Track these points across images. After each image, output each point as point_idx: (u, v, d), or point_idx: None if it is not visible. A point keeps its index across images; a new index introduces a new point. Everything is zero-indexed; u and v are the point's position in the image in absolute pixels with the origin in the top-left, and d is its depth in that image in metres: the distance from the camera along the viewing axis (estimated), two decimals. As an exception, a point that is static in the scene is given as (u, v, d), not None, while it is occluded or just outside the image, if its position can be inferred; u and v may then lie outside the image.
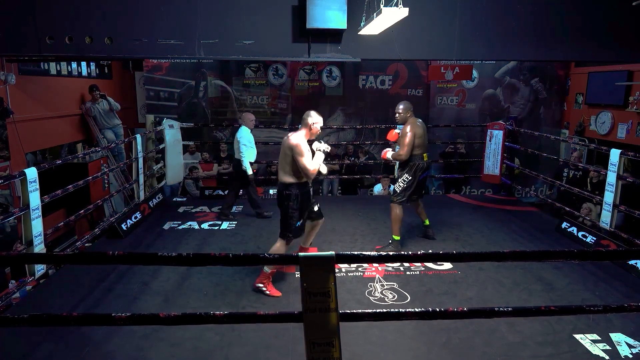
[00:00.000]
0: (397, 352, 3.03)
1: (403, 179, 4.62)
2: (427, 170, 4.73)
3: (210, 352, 3.01)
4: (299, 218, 3.68)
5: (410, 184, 4.59)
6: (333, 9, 4.23)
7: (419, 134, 4.53)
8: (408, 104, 4.65)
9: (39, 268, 3.81)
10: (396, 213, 4.63)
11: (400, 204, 4.63)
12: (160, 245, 4.92)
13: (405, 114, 4.60)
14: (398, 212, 4.63)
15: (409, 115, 4.59)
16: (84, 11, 4.36)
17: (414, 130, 4.49)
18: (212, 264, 2.38)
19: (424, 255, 3.29)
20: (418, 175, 4.59)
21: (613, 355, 2.99)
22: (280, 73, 8.91)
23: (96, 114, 7.43)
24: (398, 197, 4.63)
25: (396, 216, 4.64)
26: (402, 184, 4.62)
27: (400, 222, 4.66)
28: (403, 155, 4.51)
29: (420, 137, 4.55)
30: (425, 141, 4.62)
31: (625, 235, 4.56)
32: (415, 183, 4.60)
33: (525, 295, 3.80)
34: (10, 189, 5.46)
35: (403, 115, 4.61)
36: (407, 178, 4.59)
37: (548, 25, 4.74)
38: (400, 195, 4.63)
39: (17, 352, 2.98)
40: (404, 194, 4.61)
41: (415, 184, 4.60)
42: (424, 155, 4.61)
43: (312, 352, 2.14)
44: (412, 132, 4.48)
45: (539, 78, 8.87)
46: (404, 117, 4.60)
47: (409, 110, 4.60)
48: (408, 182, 4.59)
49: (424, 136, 4.60)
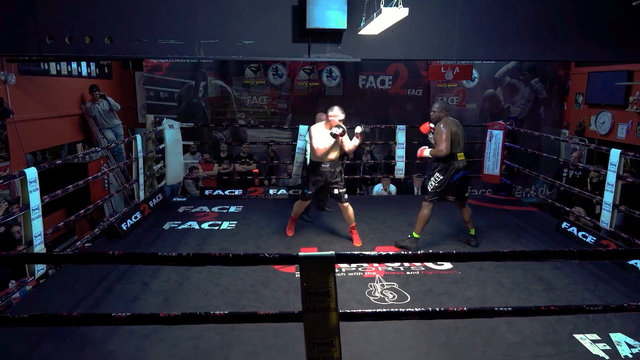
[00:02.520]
0: (397, 352, 3.03)
1: (435, 177, 4.57)
2: (463, 171, 4.57)
3: (210, 352, 3.01)
4: (307, 187, 4.79)
5: (441, 183, 4.52)
6: (333, 9, 4.23)
7: (454, 132, 4.45)
8: (444, 104, 4.61)
9: (39, 268, 3.81)
10: (423, 212, 4.59)
11: (431, 203, 4.58)
12: (160, 245, 4.92)
13: (439, 113, 4.53)
14: (426, 212, 4.58)
15: (444, 114, 4.52)
16: (84, 11, 4.37)
17: (450, 127, 4.43)
18: (212, 264, 2.38)
19: (424, 255, 3.30)
20: (451, 174, 4.50)
21: (613, 355, 2.99)
22: (280, 73, 8.91)
23: (96, 114, 7.44)
24: (429, 196, 4.59)
25: (422, 215, 4.60)
26: (433, 182, 4.57)
27: (425, 221, 4.61)
28: (444, 150, 4.40)
29: (455, 136, 4.46)
30: (460, 141, 4.52)
31: (625, 235, 4.56)
32: (447, 183, 4.51)
33: (525, 295, 3.80)
34: (10, 189, 5.46)
35: (437, 114, 4.54)
36: (439, 177, 4.53)
37: (548, 25, 4.74)
38: (431, 194, 4.58)
39: (17, 352, 2.98)
40: (434, 192, 4.55)
41: (446, 184, 4.51)
42: (459, 155, 4.51)
43: (312, 352, 2.14)
44: (448, 129, 4.41)
45: (539, 78, 8.87)
46: (438, 115, 4.53)
47: (443, 109, 4.53)
48: (439, 181, 4.53)
49: (459, 135, 4.51)
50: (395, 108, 9.03)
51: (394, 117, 8.92)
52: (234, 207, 6.28)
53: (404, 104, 8.95)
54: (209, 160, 8.07)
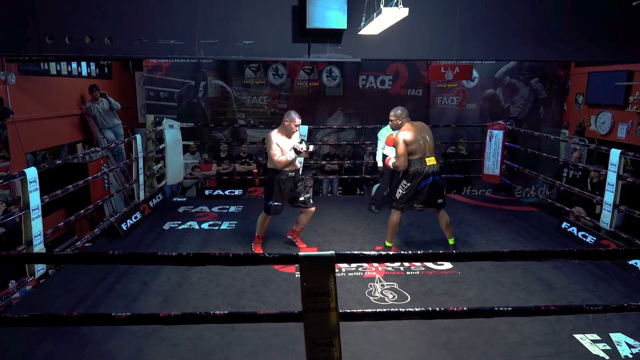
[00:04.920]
0: (397, 352, 3.03)
1: (402, 184, 4.41)
2: (433, 177, 4.31)
3: (210, 352, 3.01)
4: (271, 199, 4.44)
5: (408, 190, 4.35)
6: (333, 9, 4.22)
7: (414, 139, 4.26)
8: (400, 110, 4.43)
9: (39, 268, 3.81)
10: (392, 219, 4.51)
11: (398, 210, 4.49)
12: (160, 245, 4.92)
13: (397, 121, 4.41)
14: (394, 218, 4.49)
15: (400, 122, 4.39)
16: (84, 11, 4.36)
17: (404, 137, 4.26)
18: (212, 264, 2.38)
19: (424, 255, 3.29)
20: (418, 181, 4.30)
21: (613, 355, 2.99)
22: (280, 73, 8.90)
23: (96, 114, 7.43)
24: (396, 204, 4.48)
25: (391, 222, 4.52)
26: (400, 190, 4.41)
27: (395, 228, 4.54)
28: (400, 166, 4.32)
29: (417, 142, 4.27)
30: (425, 144, 4.31)
31: (625, 235, 4.56)
32: (414, 190, 4.32)
33: (525, 295, 3.80)
34: (10, 189, 5.46)
35: (395, 122, 4.44)
36: (405, 184, 4.37)
37: (548, 25, 4.74)
38: (397, 201, 4.46)
39: (17, 352, 2.98)
40: (401, 200, 4.42)
41: (413, 191, 4.33)
42: (428, 160, 4.30)
43: (312, 351, 2.14)
44: (403, 140, 4.25)
45: (539, 78, 8.86)
46: (396, 124, 4.43)
47: (400, 117, 4.40)
48: (406, 188, 4.36)
49: (422, 139, 4.30)
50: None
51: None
52: (234, 207, 6.28)
53: (404, 104, 8.94)
54: (208, 160, 8.07)
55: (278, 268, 4.19)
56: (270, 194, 4.44)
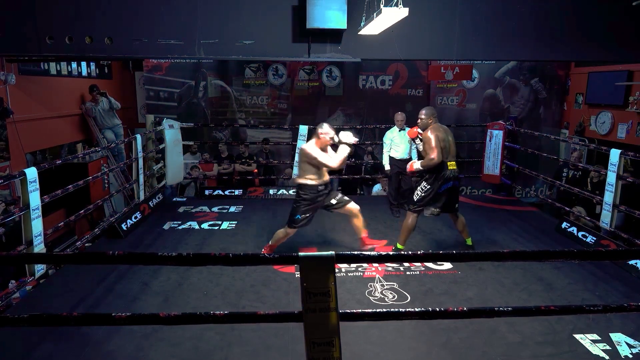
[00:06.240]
0: (397, 352, 3.03)
1: (421, 187, 4.34)
2: (454, 181, 4.30)
3: (210, 352, 3.01)
4: (299, 213, 4.23)
5: (428, 193, 4.30)
6: (333, 9, 4.23)
7: (443, 139, 4.23)
8: (431, 110, 4.38)
9: (39, 268, 3.81)
10: (407, 222, 4.41)
11: (415, 213, 4.40)
12: (160, 245, 4.92)
13: (427, 120, 4.32)
14: (410, 221, 4.40)
15: (432, 121, 4.32)
16: (84, 11, 4.37)
17: (436, 132, 4.22)
18: (212, 264, 2.38)
19: (424, 255, 3.30)
20: (439, 184, 4.27)
21: (613, 355, 2.99)
22: (280, 73, 8.90)
23: (96, 114, 7.44)
24: (413, 206, 4.41)
25: (406, 225, 4.42)
26: (420, 192, 4.34)
27: (409, 232, 4.44)
28: (435, 158, 4.17)
29: (445, 143, 4.24)
30: (451, 149, 4.29)
31: (625, 235, 4.56)
32: (434, 193, 4.28)
33: (525, 295, 3.80)
34: (10, 189, 5.46)
35: (425, 121, 4.33)
36: (425, 187, 4.31)
37: (548, 25, 4.74)
38: (415, 204, 4.38)
39: (17, 352, 2.98)
40: (419, 203, 4.36)
41: (433, 194, 4.29)
42: (449, 164, 4.27)
43: (312, 351, 2.14)
44: (435, 135, 4.20)
45: (539, 78, 8.86)
46: (426, 123, 4.33)
47: (431, 116, 4.32)
48: (426, 190, 4.30)
49: (449, 143, 4.28)
50: (395, 108, 8.98)
51: (394, 117, 8.90)
52: (234, 207, 6.29)
53: (404, 104, 8.95)
54: (209, 160, 8.07)
55: (278, 268, 4.19)
56: (298, 209, 4.22)
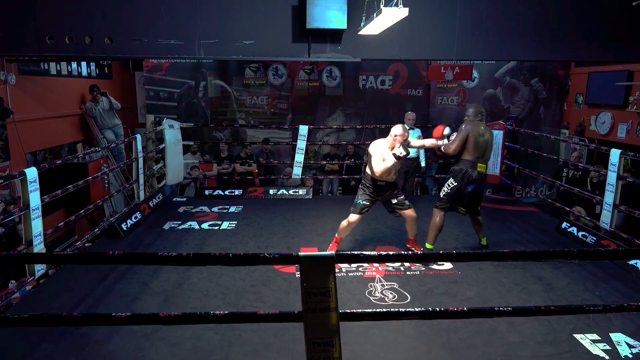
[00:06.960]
0: (397, 352, 3.03)
1: (448, 183, 4.35)
2: (480, 183, 4.31)
3: (210, 352, 3.01)
4: (361, 198, 4.43)
5: (454, 190, 4.30)
6: (333, 9, 4.22)
7: (477, 138, 4.22)
8: (478, 109, 4.38)
9: (39, 268, 3.81)
10: (435, 220, 4.39)
11: (442, 211, 4.38)
12: (160, 245, 4.92)
13: (474, 118, 4.33)
14: (437, 219, 4.38)
15: (479, 119, 4.32)
16: (84, 11, 4.36)
17: (469, 130, 4.23)
18: (212, 264, 2.38)
19: (424, 255, 3.31)
20: (465, 183, 4.27)
21: (613, 355, 2.99)
22: (280, 73, 8.90)
23: (96, 114, 7.43)
24: (440, 203, 4.40)
25: (434, 223, 4.39)
26: (446, 188, 4.36)
27: (437, 230, 4.40)
28: (452, 148, 4.25)
29: (477, 143, 4.22)
30: (482, 150, 4.26)
31: (625, 235, 4.56)
32: (460, 191, 4.29)
33: (525, 295, 3.80)
34: (10, 189, 5.46)
35: (471, 119, 4.34)
36: (452, 183, 4.32)
37: (548, 25, 4.74)
38: (442, 200, 4.38)
39: (17, 352, 2.98)
40: (445, 199, 4.36)
41: (458, 192, 4.30)
42: (479, 165, 4.26)
43: (312, 351, 2.14)
44: (467, 131, 4.21)
45: (539, 78, 8.86)
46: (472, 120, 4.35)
47: (478, 114, 4.33)
48: (452, 187, 4.31)
49: (482, 144, 4.25)
50: (395, 108, 9.03)
51: (394, 117, 8.90)
52: (234, 207, 6.29)
53: (404, 104, 8.95)
54: (209, 160, 8.07)
55: (278, 268, 4.19)
56: (360, 194, 4.44)
